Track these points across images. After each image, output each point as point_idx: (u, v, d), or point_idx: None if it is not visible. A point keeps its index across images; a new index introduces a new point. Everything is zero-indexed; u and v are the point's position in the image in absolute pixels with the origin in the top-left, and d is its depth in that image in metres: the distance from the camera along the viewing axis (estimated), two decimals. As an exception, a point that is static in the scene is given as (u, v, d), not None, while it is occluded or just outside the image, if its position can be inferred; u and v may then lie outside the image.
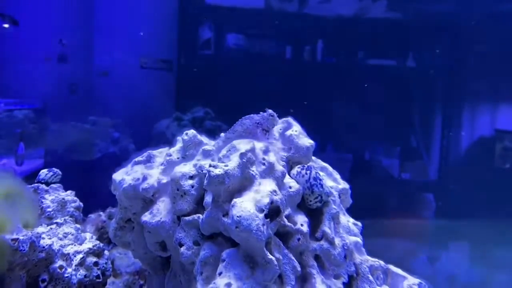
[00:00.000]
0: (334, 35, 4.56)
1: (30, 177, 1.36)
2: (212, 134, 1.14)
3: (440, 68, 4.72)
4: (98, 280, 1.13)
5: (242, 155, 0.91)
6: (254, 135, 0.99)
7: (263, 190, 0.89)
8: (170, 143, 1.13)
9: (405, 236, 3.74)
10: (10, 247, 0.93)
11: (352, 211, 1.13)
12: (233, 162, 0.91)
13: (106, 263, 1.16)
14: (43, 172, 1.35)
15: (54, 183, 1.33)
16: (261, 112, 1.05)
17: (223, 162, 0.92)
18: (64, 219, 1.23)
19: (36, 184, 1.28)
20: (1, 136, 3.05)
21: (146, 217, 1.00)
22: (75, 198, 1.33)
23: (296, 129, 1.04)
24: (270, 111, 1.04)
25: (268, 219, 0.86)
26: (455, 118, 4.67)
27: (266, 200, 0.87)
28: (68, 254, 1.11)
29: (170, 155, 1.05)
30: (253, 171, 0.92)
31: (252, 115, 1.04)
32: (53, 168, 1.38)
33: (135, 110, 3.75)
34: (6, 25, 3.16)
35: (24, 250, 0.96)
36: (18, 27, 3.22)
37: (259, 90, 4.08)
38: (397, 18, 4.57)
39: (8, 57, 3.47)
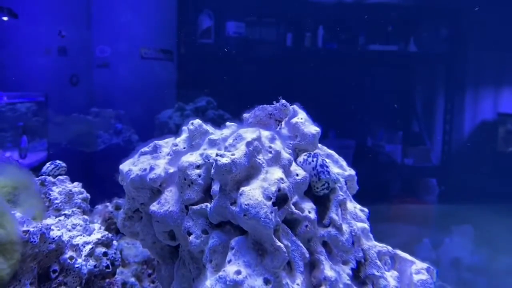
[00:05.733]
0: (335, 21, 4.53)
1: (34, 170, 1.36)
2: (215, 123, 1.14)
3: (442, 53, 4.69)
4: (107, 270, 1.14)
5: (248, 144, 0.92)
6: (267, 126, 0.99)
7: (270, 178, 0.90)
8: (173, 133, 1.13)
9: (409, 221, 3.76)
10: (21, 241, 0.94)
11: (357, 197, 1.13)
12: (240, 151, 0.91)
13: (115, 253, 1.17)
14: (46, 165, 1.35)
15: (57, 175, 1.34)
16: (274, 102, 1.04)
17: (229, 151, 0.93)
18: (72, 211, 1.24)
19: (43, 177, 1.29)
20: (4, 130, 3.05)
21: (154, 207, 1.00)
22: (82, 189, 1.34)
23: (302, 116, 1.04)
24: (283, 101, 1.04)
25: (275, 207, 0.87)
26: (457, 103, 4.65)
27: (274, 188, 0.88)
28: (78, 245, 1.12)
29: (176, 145, 1.05)
30: (260, 159, 0.92)
31: (264, 105, 1.04)
32: (56, 161, 1.38)
33: (137, 101, 3.75)
34: (5, 18, 3.14)
35: (35, 241, 0.97)
36: (17, 20, 3.20)
37: (261, 78, 4.07)
38: (399, 2, 4.53)
39: (9, 50, 3.46)
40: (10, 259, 0.91)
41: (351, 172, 1.10)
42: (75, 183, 1.35)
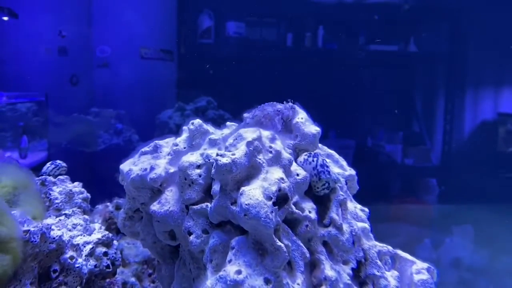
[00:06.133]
0: (335, 21, 4.53)
1: (35, 170, 1.36)
2: (216, 123, 1.14)
3: (442, 53, 4.69)
4: (108, 270, 1.14)
5: (249, 144, 0.92)
6: (272, 122, 1.00)
7: (271, 178, 0.90)
8: (174, 133, 1.13)
9: (409, 221, 3.75)
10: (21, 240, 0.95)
11: (357, 197, 1.13)
12: (240, 150, 0.91)
13: (115, 253, 1.17)
14: (46, 165, 1.35)
15: (58, 175, 1.34)
16: (284, 102, 1.05)
17: (230, 151, 0.93)
18: (72, 210, 1.25)
19: (43, 177, 1.29)
20: (4, 130, 3.06)
21: (154, 206, 1.00)
22: (82, 189, 1.34)
23: (302, 116, 1.04)
24: (291, 104, 1.05)
25: (276, 207, 0.87)
26: (457, 103, 4.65)
27: (274, 188, 0.88)
28: (78, 244, 1.12)
29: (177, 145, 1.05)
30: (260, 159, 0.92)
31: (274, 102, 1.04)
32: (57, 161, 1.38)
33: (137, 101, 3.75)
34: (5, 18, 3.14)
35: (35, 241, 0.97)
36: (17, 20, 3.20)
37: (261, 78, 4.07)
38: (399, 2, 4.53)
39: (9, 50, 3.46)
40: (12, 255, 0.91)
41: (352, 172, 1.10)
42: (76, 183, 1.35)
